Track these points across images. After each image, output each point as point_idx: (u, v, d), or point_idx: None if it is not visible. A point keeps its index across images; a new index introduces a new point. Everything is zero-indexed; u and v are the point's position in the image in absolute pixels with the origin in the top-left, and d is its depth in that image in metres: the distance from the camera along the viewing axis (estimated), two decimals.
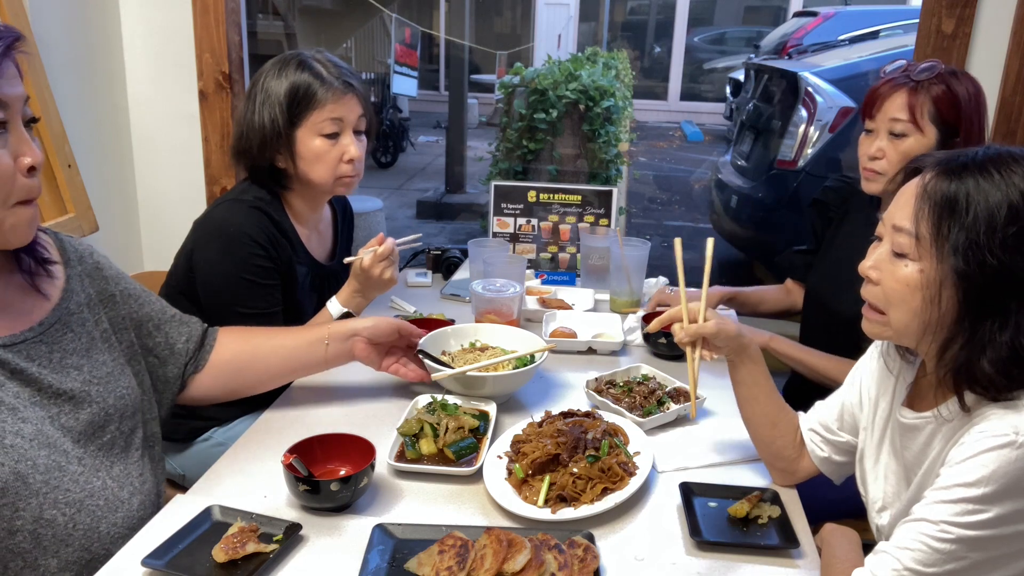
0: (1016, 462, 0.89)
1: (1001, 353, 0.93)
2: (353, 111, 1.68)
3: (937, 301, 0.96)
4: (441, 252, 2.35)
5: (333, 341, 1.47)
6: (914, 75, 1.58)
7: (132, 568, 1.05)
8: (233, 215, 1.63)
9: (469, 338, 1.67)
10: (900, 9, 8.45)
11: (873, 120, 1.64)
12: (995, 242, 0.91)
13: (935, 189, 0.95)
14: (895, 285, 1.00)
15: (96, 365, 1.20)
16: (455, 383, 1.49)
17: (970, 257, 0.92)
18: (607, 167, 4.92)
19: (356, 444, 1.25)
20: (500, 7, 14.70)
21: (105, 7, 2.36)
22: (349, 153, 1.68)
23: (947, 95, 1.56)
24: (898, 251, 0.99)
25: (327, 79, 1.64)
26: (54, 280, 1.18)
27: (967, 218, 0.92)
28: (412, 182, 8.56)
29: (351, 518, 1.18)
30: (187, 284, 1.67)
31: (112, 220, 2.39)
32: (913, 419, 1.07)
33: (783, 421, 1.29)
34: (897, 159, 1.59)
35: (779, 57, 6.50)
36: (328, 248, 1.87)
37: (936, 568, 0.91)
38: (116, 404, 1.21)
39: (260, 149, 1.65)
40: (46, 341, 1.13)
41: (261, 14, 10.05)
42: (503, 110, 5.25)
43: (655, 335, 1.78)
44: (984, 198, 0.92)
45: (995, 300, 0.93)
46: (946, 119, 1.57)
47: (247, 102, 1.67)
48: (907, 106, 1.57)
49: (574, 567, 1.03)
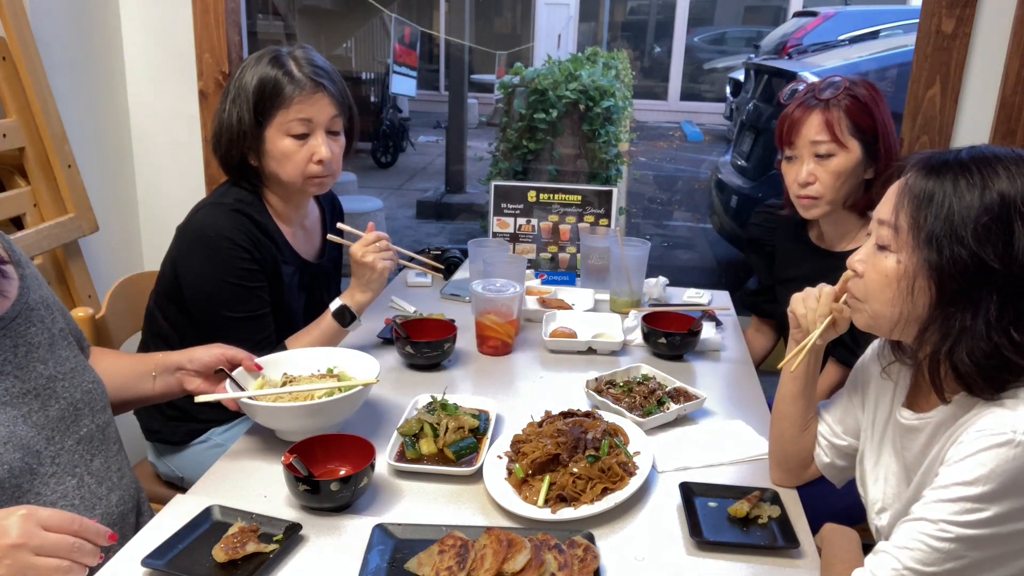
0: (1014, 460, 0.89)
1: (978, 345, 0.94)
2: (324, 111, 1.61)
3: (910, 290, 0.99)
4: (441, 252, 2.35)
5: (160, 374, 1.40)
6: (821, 95, 1.60)
7: (132, 568, 1.05)
8: (214, 219, 1.61)
9: (326, 365, 1.46)
10: (900, 9, 8.45)
11: (793, 147, 1.65)
12: (967, 232, 0.94)
13: (915, 183, 0.99)
14: (875, 276, 1.04)
15: (60, 360, 1.20)
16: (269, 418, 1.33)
17: (943, 247, 0.95)
18: (607, 167, 4.92)
19: (356, 444, 1.25)
20: (500, 7, 14.70)
21: (105, 7, 2.36)
22: (319, 154, 1.61)
23: (857, 105, 1.59)
24: (880, 243, 1.04)
25: (297, 77, 1.58)
26: (10, 279, 1.18)
27: (942, 210, 0.96)
28: (412, 182, 8.56)
29: (351, 518, 1.18)
30: (174, 291, 1.66)
31: (112, 220, 2.39)
32: (913, 420, 1.07)
33: (813, 426, 1.30)
34: (830, 180, 1.61)
35: (779, 57, 6.51)
36: (316, 246, 1.85)
37: (936, 567, 0.91)
38: (84, 398, 1.21)
39: (228, 147, 1.63)
40: (10, 335, 1.13)
41: (261, 14, 10.05)
42: (503, 110, 5.24)
43: (655, 335, 1.79)
44: (960, 192, 0.95)
45: (967, 291, 0.95)
46: (863, 129, 1.60)
47: (222, 97, 1.64)
48: (825, 126, 1.59)
49: (574, 567, 1.03)
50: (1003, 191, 0.93)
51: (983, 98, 2.13)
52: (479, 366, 1.76)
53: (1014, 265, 0.93)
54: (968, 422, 0.96)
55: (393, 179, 8.70)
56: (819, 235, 1.80)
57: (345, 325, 1.67)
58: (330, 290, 1.88)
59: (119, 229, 2.48)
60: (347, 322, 1.67)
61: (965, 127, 2.17)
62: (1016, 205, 0.93)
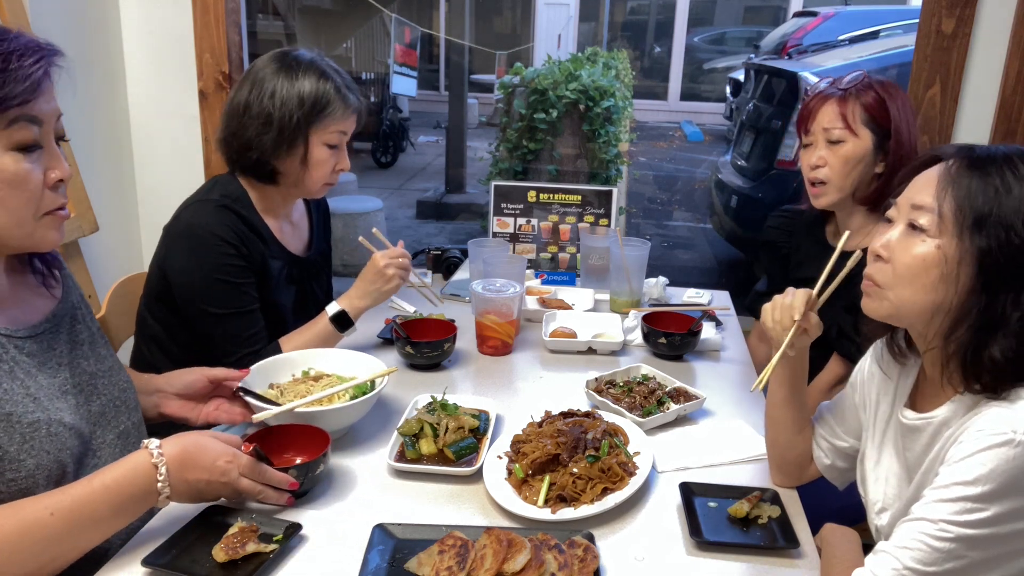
0: (1015, 460, 0.89)
1: (1011, 338, 0.94)
2: (353, 127, 1.73)
3: (955, 277, 0.97)
4: (441, 252, 2.35)
5: (139, 394, 1.37)
6: (842, 86, 1.68)
7: (132, 568, 1.05)
8: (200, 216, 1.63)
9: (300, 367, 1.50)
10: (900, 9, 8.45)
11: (809, 133, 1.72)
12: (1019, 221, 0.94)
13: (960, 171, 0.99)
14: (908, 261, 1.01)
15: (100, 358, 1.25)
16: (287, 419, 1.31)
17: (992, 234, 0.94)
18: (607, 167, 4.92)
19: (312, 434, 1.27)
20: (500, 7, 14.70)
21: (105, 7, 2.36)
22: (343, 164, 1.73)
23: (875, 99, 1.65)
24: (917, 226, 1.00)
25: (343, 92, 1.67)
26: (57, 279, 1.25)
27: (995, 199, 0.95)
28: (412, 182, 8.56)
29: (351, 518, 1.18)
30: (164, 291, 1.67)
31: (112, 220, 2.39)
32: (916, 420, 1.07)
33: (808, 428, 1.30)
34: (838, 165, 1.67)
35: (779, 57, 6.51)
36: (305, 240, 1.86)
37: (936, 567, 0.91)
38: (121, 396, 1.27)
39: (274, 145, 1.63)
40: (62, 331, 1.19)
41: (261, 14, 10.06)
42: (503, 110, 5.25)
43: (655, 335, 1.79)
44: (1009, 184, 0.95)
45: (1010, 281, 0.95)
46: (878, 121, 1.65)
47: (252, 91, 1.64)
48: (839, 114, 1.66)
49: (574, 567, 1.03)
50: None
51: (983, 98, 2.13)
52: (479, 366, 1.76)
53: None
54: (969, 422, 0.96)
55: (393, 179, 8.71)
56: (835, 233, 1.83)
57: (342, 331, 1.68)
58: (320, 283, 1.90)
59: (119, 229, 2.48)
60: (344, 327, 1.68)
61: (965, 127, 2.16)
62: None
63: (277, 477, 1.16)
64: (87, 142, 2.27)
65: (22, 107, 1.01)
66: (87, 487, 1.02)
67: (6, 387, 1.05)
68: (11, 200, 1.04)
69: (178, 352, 1.69)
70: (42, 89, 1.04)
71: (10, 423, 1.04)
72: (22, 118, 1.02)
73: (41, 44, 1.06)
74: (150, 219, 2.58)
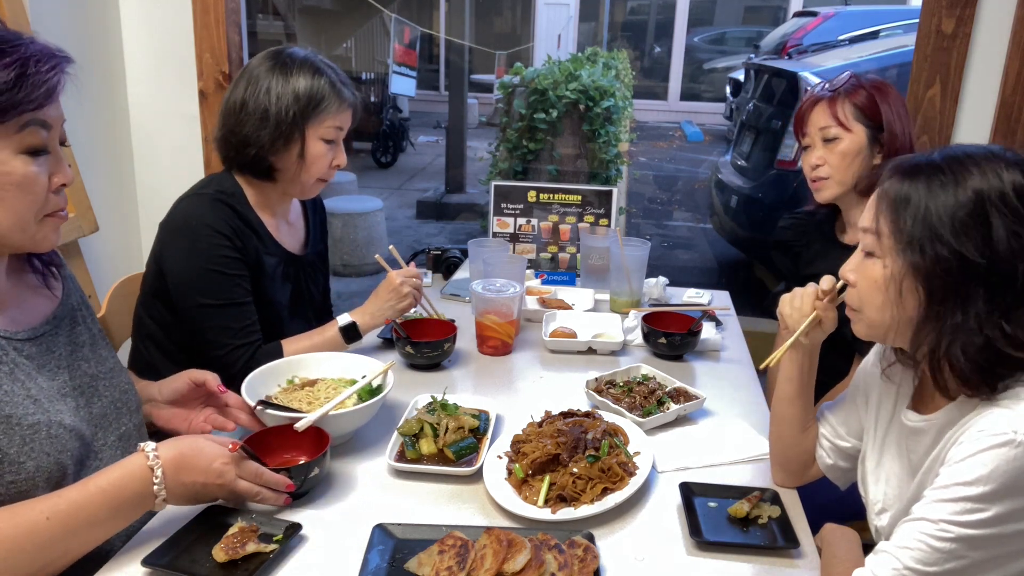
0: (1015, 461, 0.89)
1: (972, 341, 0.95)
2: (348, 122, 1.73)
3: (899, 294, 1.00)
4: (441, 252, 2.35)
5: None
6: (831, 87, 1.74)
7: (132, 568, 1.05)
8: (195, 209, 1.64)
9: (284, 375, 1.47)
10: (900, 9, 8.46)
11: (806, 136, 1.78)
12: (945, 230, 0.95)
13: (890, 188, 1.01)
14: (865, 283, 1.05)
15: (101, 360, 1.26)
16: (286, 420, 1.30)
17: (925, 247, 0.96)
18: (607, 167, 4.92)
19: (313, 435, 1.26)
20: (500, 7, 14.71)
21: (105, 7, 2.36)
22: (339, 160, 1.72)
23: (864, 95, 1.70)
24: (867, 251, 1.05)
25: (339, 88, 1.68)
26: (58, 279, 1.25)
27: (919, 211, 0.97)
28: (412, 182, 8.57)
29: (351, 518, 1.18)
30: (159, 287, 1.67)
31: (112, 220, 2.39)
32: (918, 422, 1.07)
33: (813, 428, 1.30)
34: (837, 161, 1.72)
35: (779, 57, 6.51)
36: (301, 239, 1.87)
37: (936, 567, 0.91)
38: (122, 398, 1.27)
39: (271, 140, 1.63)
40: (63, 332, 1.20)
41: (261, 14, 10.06)
42: (503, 110, 5.25)
43: (655, 335, 1.79)
44: (935, 192, 0.97)
45: (954, 288, 0.96)
46: (869, 115, 1.70)
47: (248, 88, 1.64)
48: (831, 113, 1.71)
49: (574, 567, 1.03)
50: (976, 187, 0.95)
51: (983, 98, 2.13)
52: (479, 366, 1.76)
53: (996, 257, 0.94)
54: (969, 423, 0.96)
55: (393, 179, 8.71)
56: (843, 229, 1.85)
57: (348, 342, 1.70)
58: (317, 283, 1.90)
59: (119, 229, 2.48)
60: (351, 339, 1.71)
61: (965, 127, 2.16)
62: (990, 198, 0.94)
63: (274, 479, 1.16)
64: (87, 142, 2.27)
65: (35, 112, 1.04)
66: (83, 491, 1.02)
67: (6, 389, 1.05)
68: (17, 202, 1.06)
69: (175, 350, 1.69)
70: (55, 95, 1.07)
71: (10, 425, 1.04)
72: (34, 122, 1.05)
73: (55, 51, 1.08)
74: (150, 219, 2.57)
